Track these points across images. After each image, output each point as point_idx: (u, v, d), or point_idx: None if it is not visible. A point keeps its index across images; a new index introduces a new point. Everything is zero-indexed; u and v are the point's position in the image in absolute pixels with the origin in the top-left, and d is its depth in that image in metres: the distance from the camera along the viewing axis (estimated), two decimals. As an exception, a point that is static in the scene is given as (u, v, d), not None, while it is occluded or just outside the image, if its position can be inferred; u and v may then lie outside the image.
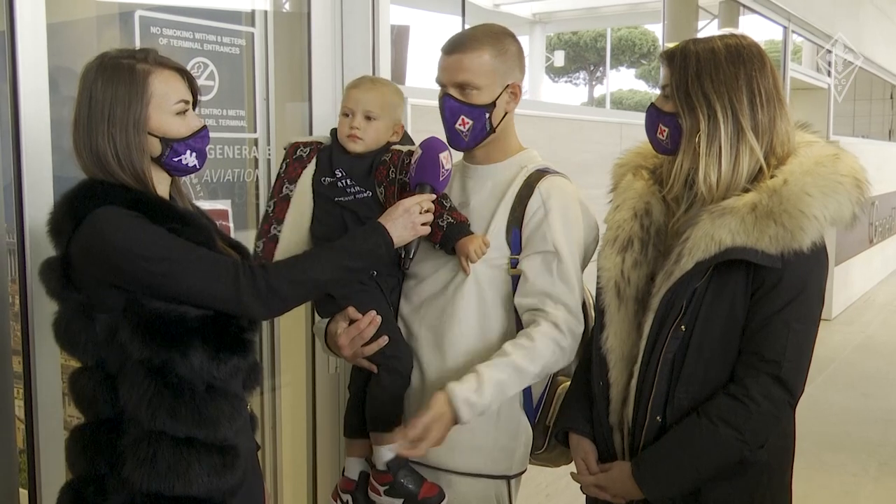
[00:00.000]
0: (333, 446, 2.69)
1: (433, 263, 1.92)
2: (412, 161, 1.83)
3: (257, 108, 2.51)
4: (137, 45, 2.10)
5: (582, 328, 1.86)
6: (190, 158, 1.58)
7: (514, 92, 1.89)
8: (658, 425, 1.66)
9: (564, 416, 1.87)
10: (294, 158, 1.92)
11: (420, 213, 1.77)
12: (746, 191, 1.60)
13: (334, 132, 1.95)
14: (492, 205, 1.90)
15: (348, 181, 1.89)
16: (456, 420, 1.71)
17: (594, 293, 1.84)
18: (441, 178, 1.81)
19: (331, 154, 1.90)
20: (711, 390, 1.62)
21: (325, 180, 1.89)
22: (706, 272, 1.60)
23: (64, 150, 1.90)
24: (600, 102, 21.14)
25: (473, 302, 1.87)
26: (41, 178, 1.86)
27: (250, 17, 2.52)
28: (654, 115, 1.71)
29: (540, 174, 1.89)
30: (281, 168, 1.94)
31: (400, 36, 3.84)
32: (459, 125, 1.86)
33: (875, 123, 15.10)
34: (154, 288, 1.48)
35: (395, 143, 1.93)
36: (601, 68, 24.56)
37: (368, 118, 1.88)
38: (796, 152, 1.63)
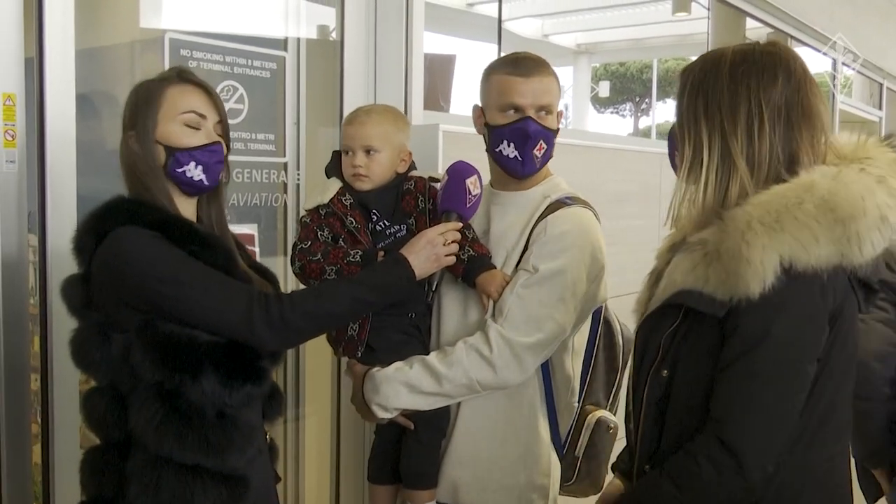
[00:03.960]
0: (357, 479, 2.63)
1: (459, 297, 1.86)
2: (439, 187, 1.78)
3: (287, 132, 2.49)
4: (167, 67, 2.11)
5: (530, 340, 1.72)
6: (195, 171, 1.54)
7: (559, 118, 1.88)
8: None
9: (619, 456, 1.73)
10: (325, 215, 1.82)
11: (445, 244, 1.70)
12: None
13: (331, 169, 1.87)
14: (513, 235, 1.84)
15: (385, 222, 1.82)
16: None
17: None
18: (468, 205, 1.76)
19: (356, 197, 1.82)
20: None
21: (368, 227, 1.82)
22: (677, 314, 1.40)
23: (90, 173, 1.90)
24: (646, 134, 20.99)
25: None
26: (65, 199, 1.86)
27: (282, 42, 2.52)
28: (671, 139, 1.58)
29: (559, 204, 1.83)
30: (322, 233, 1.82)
31: (446, 64, 3.83)
32: (537, 150, 1.81)
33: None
34: (166, 310, 1.46)
35: (402, 172, 1.86)
36: (647, 100, 24.40)
37: (369, 152, 1.81)
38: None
